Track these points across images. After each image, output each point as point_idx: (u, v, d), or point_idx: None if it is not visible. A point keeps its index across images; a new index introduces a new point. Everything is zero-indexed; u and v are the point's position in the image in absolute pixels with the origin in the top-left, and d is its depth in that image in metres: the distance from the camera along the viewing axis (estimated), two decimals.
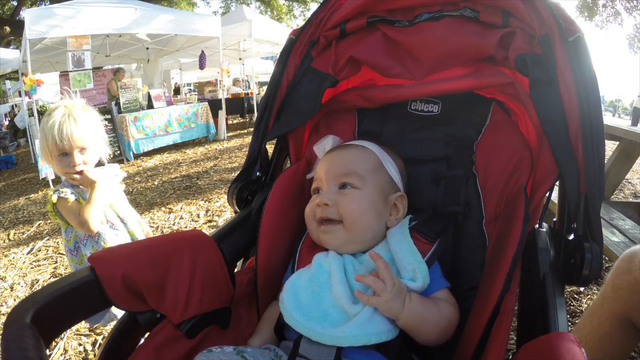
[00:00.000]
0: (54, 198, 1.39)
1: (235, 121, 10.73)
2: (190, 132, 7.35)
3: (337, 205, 0.80)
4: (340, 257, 0.78)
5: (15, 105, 12.38)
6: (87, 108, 1.46)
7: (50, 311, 0.56)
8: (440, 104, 0.98)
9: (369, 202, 0.80)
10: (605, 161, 1.09)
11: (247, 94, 9.50)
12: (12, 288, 2.67)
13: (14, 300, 2.51)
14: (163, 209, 3.85)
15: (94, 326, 2.02)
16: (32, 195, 5.27)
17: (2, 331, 0.50)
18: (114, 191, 1.56)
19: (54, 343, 1.91)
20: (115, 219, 1.53)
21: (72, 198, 1.39)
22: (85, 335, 2.00)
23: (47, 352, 0.61)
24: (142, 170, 5.73)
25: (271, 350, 0.73)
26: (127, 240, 1.55)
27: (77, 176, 1.40)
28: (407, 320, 0.68)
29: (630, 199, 3.56)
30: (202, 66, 8.67)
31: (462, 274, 0.85)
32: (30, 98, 5.60)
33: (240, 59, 10.68)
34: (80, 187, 1.45)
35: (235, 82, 10.82)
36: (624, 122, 12.22)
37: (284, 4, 19.63)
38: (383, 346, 0.67)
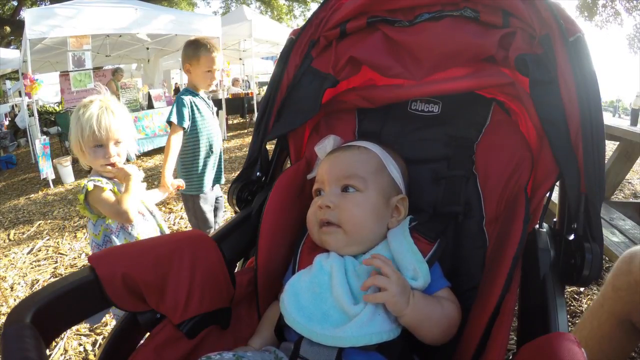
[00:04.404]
0: (90, 186, 1.37)
1: (235, 121, 10.72)
2: None
3: (338, 209, 0.80)
4: (341, 259, 0.78)
5: (16, 105, 12.39)
6: (120, 103, 1.48)
7: (50, 311, 0.56)
8: (441, 104, 0.98)
9: (370, 206, 0.80)
10: (605, 161, 1.09)
11: (247, 94, 9.50)
12: (12, 288, 2.67)
13: (14, 300, 2.51)
14: (163, 209, 3.85)
15: (94, 326, 2.02)
16: (32, 195, 5.27)
17: (2, 331, 0.50)
18: (142, 187, 1.58)
19: (54, 343, 1.91)
20: (145, 211, 1.56)
21: (108, 187, 1.39)
22: (85, 335, 2.00)
23: (47, 352, 0.61)
24: (142, 170, 5.72)
25: (271, 352, 0.73)
26: (156, 231, 1.58)
27: (110, 168, 1.40)
28: (411, 317, 0.68)
29: (630, 199, 3.57)
30: None
31: (463, 274, 0.85)
32: (30, 98, 5.60)
33: (240, 59, 10.68)
34: (113, 179, 1.45)
35: (235, 82, 10.83)
36: (624, 122, 12.22)
37: (284, 4, 19.64)
38: (384, 347, 0.67)
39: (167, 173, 1.98)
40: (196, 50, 2.05)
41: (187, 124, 2.05)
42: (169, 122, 2.06)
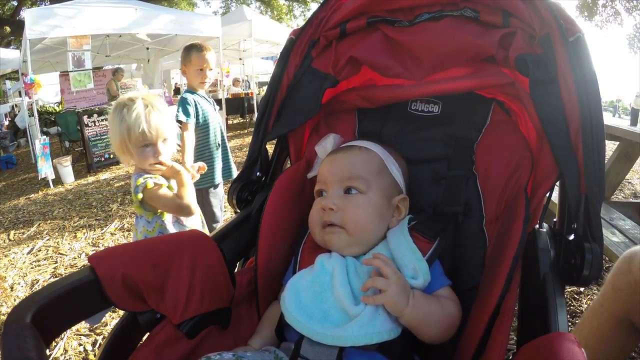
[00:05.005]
0: (150, 183, 1.36)
1: (235, 121, 10.72)
2: None
3: (342, 211, 0.80)
4: (343, 259, 0.78)
5: (16, 105, 12.38)
6: (160, 98, 1.47)
7: (50, 311, 0.57)
8: (441, 104, 0.98)
9: (373, 207, 0.80)
10: (605, 161, 1.09)
11: (247, 94, 9.50)
12: (12, 288, 2.67)
13: (14, 300, 2.51)
14: None
15: (94, 326, 2.02)
16: (32, 195, 5.27)
17: (2, 331, 0.50)
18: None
19: (54, 343, 1.91)
20: None
21: (165, 184, 1.39)
22: (85, 335, 2.00)
23: (47, 352, 0.61)
24: None
25: (271, 352, 0.73)
26: (198, 223, 1.62)
27: (159, 166, 1.40)
28: (411, 317, 0.68)
29: (630, 199, 3.56)
30: None
31: (463, 274, 0.85)
32: (30, 98, 5.60)
33: (240, 59, 10.68)
34: (159, 176, 1.44)
35: (235, 82, 10.83)
36: (624, 122, 12.23)
37: (284, 4, 19.64)
38: (385, 347, 0.67)
39: (187, 160, 2.09)
40: (188, 51, 2.27)
41: (194, 119, 2.20)
42: (179, 121, 2.17)
